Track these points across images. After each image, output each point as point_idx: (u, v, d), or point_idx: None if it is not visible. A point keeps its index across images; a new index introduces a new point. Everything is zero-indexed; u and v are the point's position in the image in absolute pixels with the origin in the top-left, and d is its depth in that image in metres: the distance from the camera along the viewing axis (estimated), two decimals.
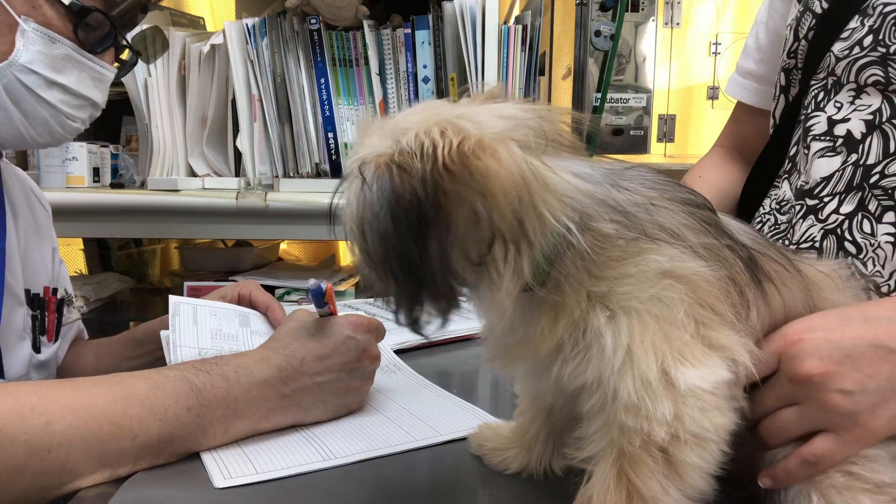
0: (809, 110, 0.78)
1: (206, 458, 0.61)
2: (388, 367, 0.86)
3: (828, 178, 0.73)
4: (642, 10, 1.50)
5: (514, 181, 0.41)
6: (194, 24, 1.87)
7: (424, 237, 0.41)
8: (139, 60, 0.94)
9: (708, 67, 2.15)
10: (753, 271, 0.49)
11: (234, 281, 1.50)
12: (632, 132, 1.53)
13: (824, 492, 0.48)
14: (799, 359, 0.49)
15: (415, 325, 0.47)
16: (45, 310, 0.91)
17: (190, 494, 0.57)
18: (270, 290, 1.54)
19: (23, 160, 1.70)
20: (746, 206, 0.91)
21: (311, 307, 0.75)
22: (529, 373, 0.51)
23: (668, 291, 0.44)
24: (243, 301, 0.94)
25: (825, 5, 0.77)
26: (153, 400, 0.60)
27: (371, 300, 1.05)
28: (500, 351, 0.51)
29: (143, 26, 1.04)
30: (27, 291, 0.88)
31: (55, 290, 0.94)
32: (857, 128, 0.72)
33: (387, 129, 0.45)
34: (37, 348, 0.88)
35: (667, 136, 1.57)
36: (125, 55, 0.89)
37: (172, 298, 0.86)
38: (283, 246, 2.13)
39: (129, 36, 0.93)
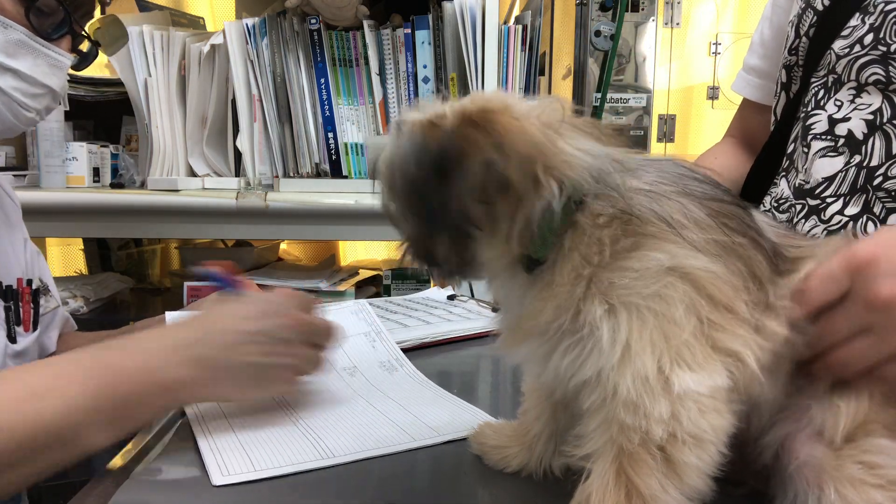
0: (809, 108, 0.78)
1: (206, 454, 0.61)
2: (390, 363, 0.86)
3: (830, 179, 0.73)
4: (642, 10, 1.50)
5: (527, 140, 0.44)
6: (194, 24, 1.87)
7: (445, 180, 0.44)
8: (98, 52, 0.93)
9: (708, 67, 2.15)
10: (777, 264, 0.47)
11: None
12: (632, 132, 1.53)
13: (838, 485, 0.46)
14: (876, 280, 0.45)
15: (429, 262, 0.49)
16: (18, 301, 0.90)
17: (189, 495, 0.57)
18: (270, 290, 1.55)
19: (23, 160, 1.70)
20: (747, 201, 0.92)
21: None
22: (531, 361, 0.51)
23: (669, 290, 0.44)
24: None
25: (826, 2, 0.76)
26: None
27: (372, 299, 1.06)
28: (506, 332, 0.51)
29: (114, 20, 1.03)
30: None
31: (30, 281, 0.93)
32: (858, 128, 0.72)
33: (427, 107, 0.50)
34: (12, 339, 0.88)
35: (667, 136, 1.57)
36: (85, 46, 0.89)
37: (169, 315, 0.86)
38: (283, 246, 2.13)
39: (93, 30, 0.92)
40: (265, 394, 0.70)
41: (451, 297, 1.18)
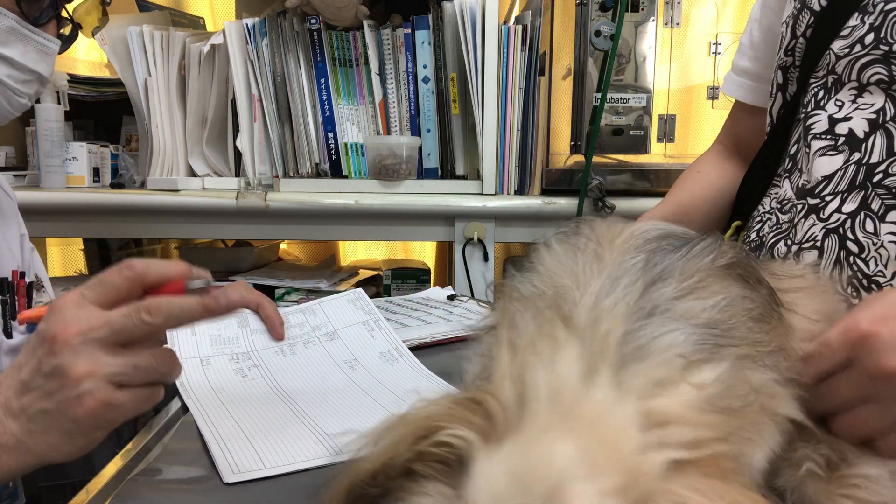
0: (809, 109, 0.77)
1: (215, 451, 0.62)
2: (389, 352, 0.86)
3: (829, 177, 0.73)
4: (642, 10, 1.50)
5: None
6: (194, 24, 1.87)
7: None
8: (78, 34, 0.93)
9: (708, 67, 2.14)
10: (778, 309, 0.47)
11: (233, 281, 1.50)
12: (632, 132, 1.53)
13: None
14: (879, 353, 0.46)
15: None
16: (14, 294, 0.90)
17: (192, 494, 0.57)
18: (270, 290, 1.55)
19: (23, 160, 1.70)
20: (743, 204, 0.91)
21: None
22: None
23: None
24: None
25: (824, 3, 0.76)
26: None
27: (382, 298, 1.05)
28: None
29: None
30: None
31: (23, 274, 0.93)
32: (859, 126, 0.71)
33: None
34: (8, 333, 0.87)
35: (667, 136, 1.57)
36: (67, 30, 0.89)
37: None
38: (283, 246, 2.13)
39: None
40: (97, 435, 0.55)
41: (451, 297, 1.18)
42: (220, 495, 0.56)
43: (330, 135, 1.55)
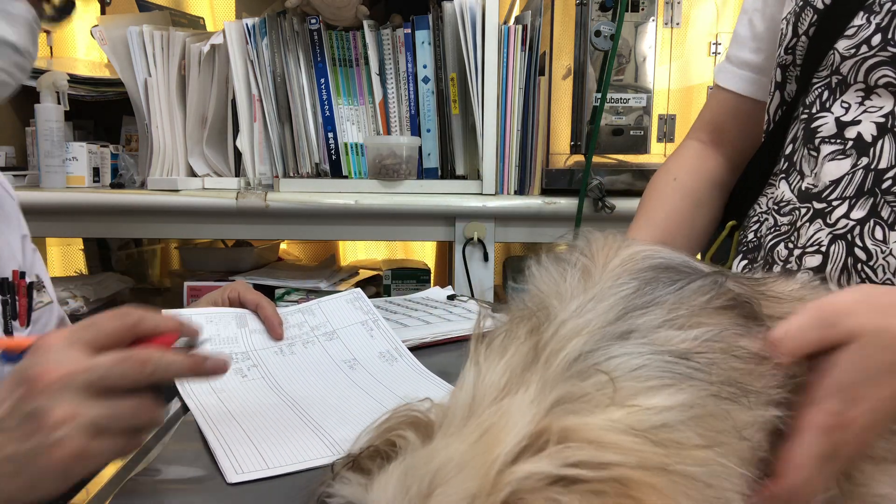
0: (814, 110, 0.76)
1: (218, 451, 0.62)
2: (389, 352, 0.86)
3: (836, 182, 0.72)
4: (642, 10, 1.50)
5: None
6: (194, 24, 1.87)
7: None
8: (75, 4, 0.88)
9: (708, 67, 2.14)
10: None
11: (233, 281, 1.50)
12: (632, 132, 1.53)
13: None
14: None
15: None
16: (15, 294, 0.89)
17: (193, 495, 0.57)
18: (270, 290, 1.55)
19: (23, 160, 1.70)
20: (738, 204, 0.90)
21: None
22: None
23: None
24: (233, 304, 0.92)
25: (827, 1, 0.74)
26: None
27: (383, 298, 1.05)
28: None
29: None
30: None
31: (24, 274, 0.91)
32: (867, 130, 0.70)
33: None
34: (9, 333, 0.86)
35: (667, 136, 1.57)
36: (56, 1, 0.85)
37: (165, 313, 0.85)
38: (283, 246, 2.13)
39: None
40: (63, 484, 0.52)
41: (451, 297, 1.18)
42: (221, 495, 0.56)
43: (330, 135, 1.55)
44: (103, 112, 1.79)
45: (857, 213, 0.69)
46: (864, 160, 0.70)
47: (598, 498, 0.32)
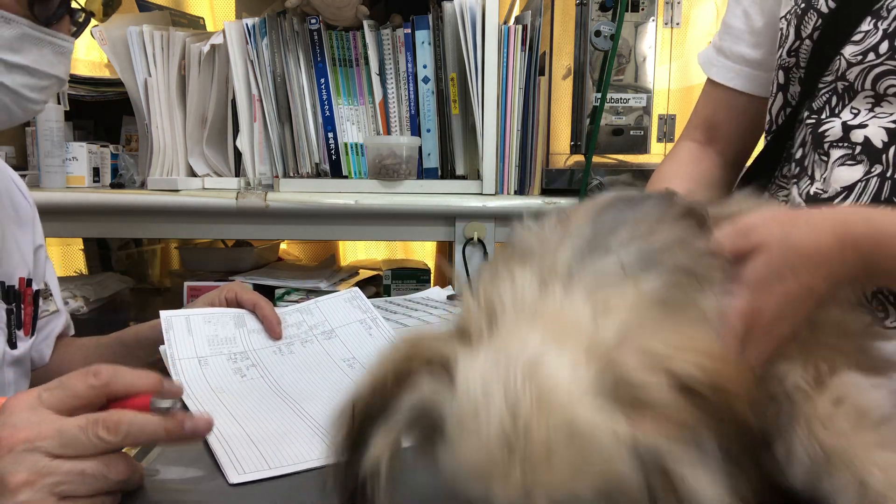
0: (823, 116, 0.75)
1: (218, 452, 0.62)
2: (367, 321, 0.87)
3: (849, 189, 0.71)
4: (642, 10, 1.50)
5: None
6: (194, 24, 1.87)
7: None
8: (91, 20, 0.89)
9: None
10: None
11: (233, 281, 1.50)
12: (632, 132, 1.53)
13: (809, 423, 0.48)
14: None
15: None
16: (20, 302, 0.88)
17: (194, 495, 0.57)
18: (270, 290, 1.55)
19: (23, 160, 1.70)
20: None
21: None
22: None
23: None
24: (231, 305, 0.92)
25: (832, 5, 0.73)
26: None
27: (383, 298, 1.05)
28: None
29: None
30: (1, 284, 0.86)
31: (30, 281, 0.91)
32: (877, 136, 0.69)
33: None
34: (12, 344, 0.86)
35: (667, 136, 1.57)
36: (80, 17, 0.86)
37: (163, 314, 0.85)
38: (283, 246, 2.13)
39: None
40: None
41: (451, 297, 1.18)
42: (221, 495, 0.56)
43: (330, 135, 1.55)
44: (103, 112, 1.78)
45: None
46: (878, 168, 0.69)
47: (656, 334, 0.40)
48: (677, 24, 1.59)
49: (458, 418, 0.38)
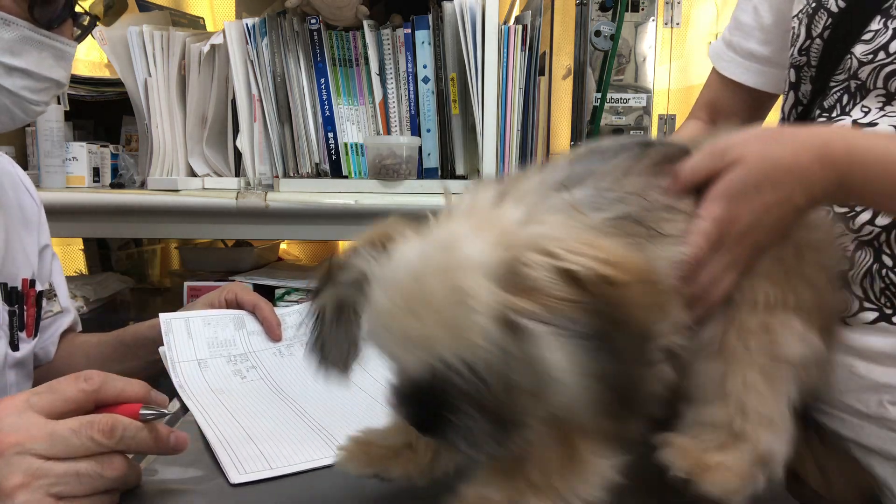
0: (834, 114, 0.75)
1: (220, 452, 0.62)
2: None
3: None
4: (642, 10, 1.50)
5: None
6: (194, 24, 1.87)
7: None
8: (96, 24, 0.90)
9: (708, 67, 2.15)
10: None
11: (233, 281, 1.50)
12: (632, 132, 1.53)
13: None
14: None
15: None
16: (23, 304, 0.88)
17: (194, 495, 0.57)
18: (270, 290, 1.55)
19: (23, 160, 1.70)
20: None
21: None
22: None
23: None
24: (230, 306, 0.92)
25: (842, 4, 0.73)
26: None
27: None
28: None
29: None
30: (4, 286, 0.86)
31: (33, 282, 0.91)
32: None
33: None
34: (14, 346, 0.86)
35: (667, 135, 1.57)
36: (84, 21, 0.86)
37: (163, 316, 0.85)
38: (283, 246, 2.13)
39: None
40: None
41: None
42: (220, 495, 0.56)
43: (330, 135, 1.55)
44: (103, 112, 1.78)
45: (883, 220, 0.68)
46: None
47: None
48: (677, 24, 1.59)
49: (378, 280, 0.47)
